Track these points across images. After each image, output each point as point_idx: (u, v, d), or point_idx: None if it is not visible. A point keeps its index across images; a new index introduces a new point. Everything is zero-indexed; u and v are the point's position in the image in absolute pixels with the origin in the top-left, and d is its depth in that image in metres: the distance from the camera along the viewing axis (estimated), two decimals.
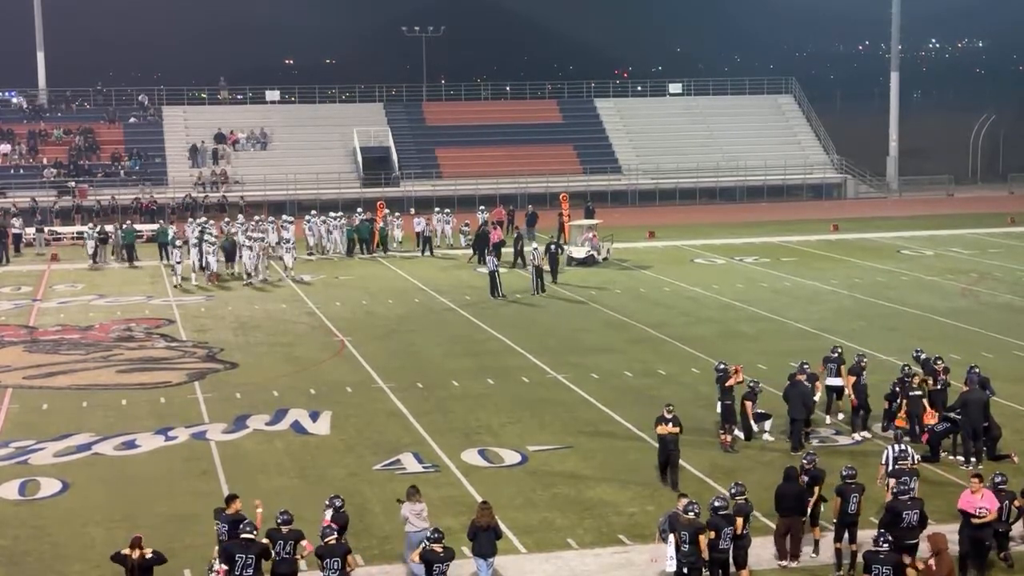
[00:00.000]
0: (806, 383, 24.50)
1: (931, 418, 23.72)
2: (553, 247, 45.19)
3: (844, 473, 18.73)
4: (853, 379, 25.17)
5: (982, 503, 18.00)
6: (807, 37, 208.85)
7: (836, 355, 26.05)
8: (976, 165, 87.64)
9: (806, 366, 25.16)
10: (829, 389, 25.80)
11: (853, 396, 25.00)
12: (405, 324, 37.80)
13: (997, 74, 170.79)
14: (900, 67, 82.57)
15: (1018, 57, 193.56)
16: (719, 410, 24.66)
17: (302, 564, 17.23)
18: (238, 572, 16.26)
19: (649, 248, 53.86)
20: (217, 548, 17.02)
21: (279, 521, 17.00)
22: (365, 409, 27.68)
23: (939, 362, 25.35)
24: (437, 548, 16.51)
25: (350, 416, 27.08)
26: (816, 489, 19.01)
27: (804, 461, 19.38)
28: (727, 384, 24.55)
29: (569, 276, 46.24)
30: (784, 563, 18.59)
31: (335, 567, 16.41)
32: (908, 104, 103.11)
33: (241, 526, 16.74)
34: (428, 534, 17.04)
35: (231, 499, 17.97)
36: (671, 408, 22.12)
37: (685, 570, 17.11)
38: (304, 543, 16.99)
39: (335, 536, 16.72)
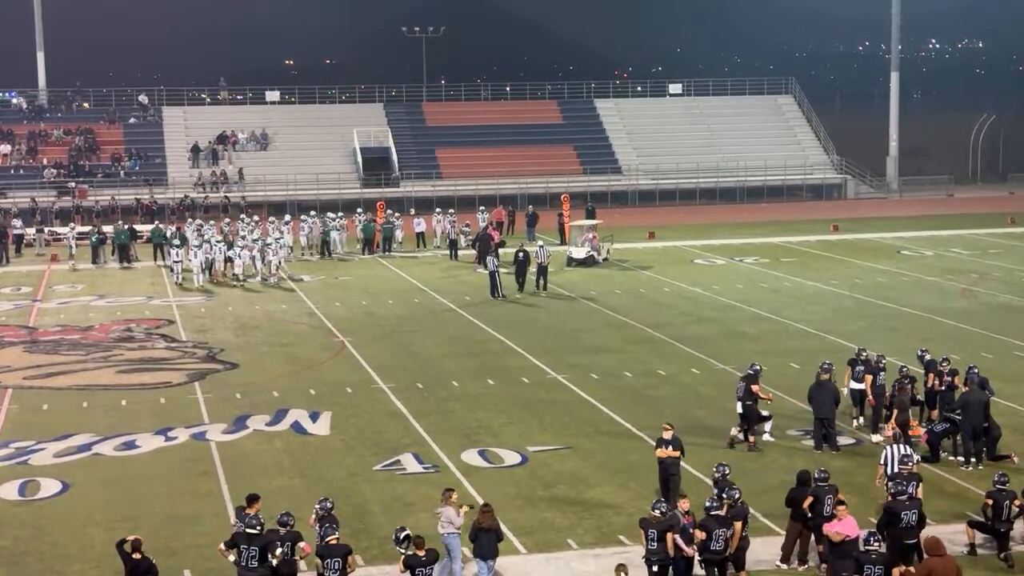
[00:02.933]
0: (833, 382, 24.34)
1: (917, 431, 23.69)
2: (521, 255, 42.88)
3: (816, 476, 18.70)
4: (870, 378, 25.07)
5: (839, 527, 17.30)
6: (807, 37, 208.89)
7: (862, 357, 25.75)
8: (976, 165, 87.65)
9: (828, 364, 24.91)
10: (853, 392, 25.48)
11: (871, 396, 24.93)
12: (405, 324, 37.80)
13: (997, 74, 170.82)
14: (900, 67, 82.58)
15: (1018, 57, 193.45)
16: (740, 410, 24.54)
17: (301, 564, 17.23)
18: (243, 563, 16.54)
19: (649, 248, 53.86)
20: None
21: (278, 522, 17.01)
22: (365, 409, 27.68)
23: (944, 363, 25.30)
24: (420, 553, 16.45)
25: (350, 416, 27.08)
26: (738, 526, 17.63)
27: (715, 471, 18.87)
28: (754, 388, 24.47)
29: (569, 276, 46.26)
30: (784, 565, 18.54)
31: (336, 567, 16.40)
32: (908, 104, 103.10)
33: (247, 519, 16.96)
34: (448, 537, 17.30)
35: (252, 499, 17.94)
36: (669, 428, 21.12)
37: (655, 568, 17.15)
38: (302, 544, 16.99)
39: (336, 536, 16.70)
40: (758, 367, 25.17)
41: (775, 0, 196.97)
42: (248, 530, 16.72)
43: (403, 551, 16.52)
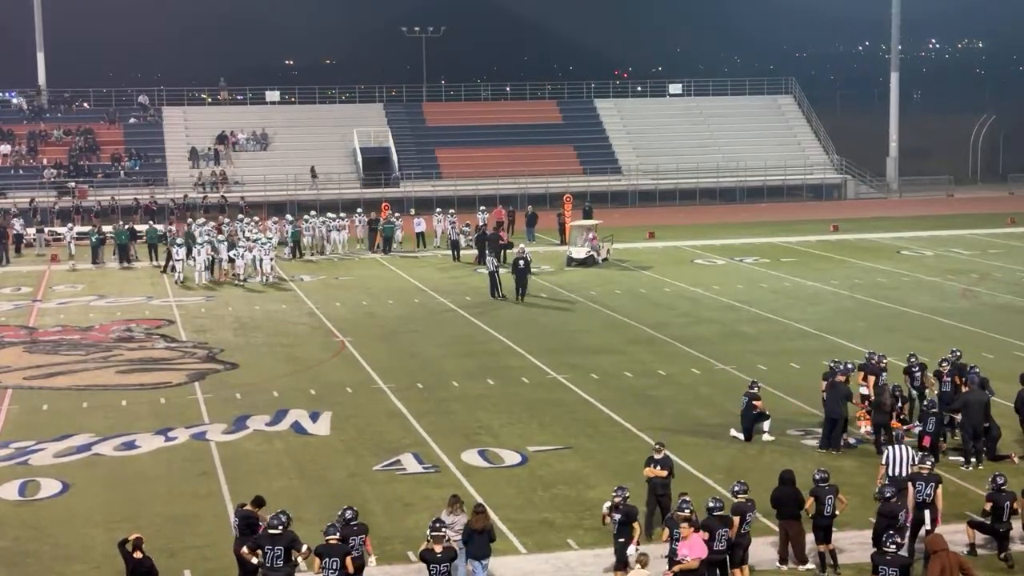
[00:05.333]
0: (847, 384, 24.27)
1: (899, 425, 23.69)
2: (521, 263, 40.80)
3: (817, 476, 18.68)
4: (873, 379, 24.95)
5: (687, 550, 16.97)
6: (807, 37, 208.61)
7: (874, 361, 25.50)
8: (976, 165, 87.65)
9: (840, 365, 24.81)
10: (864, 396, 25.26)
11: (872, 397, 24.85)
12: (405, 325, 37.80)
13: (997, 74, 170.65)
14: (900, 67, 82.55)
15: (1018, 57, 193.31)
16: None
17: (301, 564, 17.23)
18: (268, 563, 16.53)
19: (649, 249, 53.86)
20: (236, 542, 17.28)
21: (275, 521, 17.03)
22: (365, 410, 27.68)
23: (944, 364, 25.26)
24: (437, 549, 16.47)
25: (350, 417, 27.07)
26: (635, 526, 17.79)
27: (615, 495, 18.13)
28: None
29: (569, 276, 46.25)
30: (784, 566, 18.52)
31: (334, 567, 16.38)
32: (908, 104, 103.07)
33: (270, 520, 16.97)
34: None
35: (260, 502, 17.95)
36: (661, 448, 20.43)
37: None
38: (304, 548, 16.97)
39: (336, 536, 16.69)
40: (850, 365, 25.01)
41: (775, 0, 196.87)
42: (271, 530, 16.73)
43: (428, 540, 16.54)
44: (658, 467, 19.96)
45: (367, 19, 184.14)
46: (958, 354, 25.94)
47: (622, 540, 17.87)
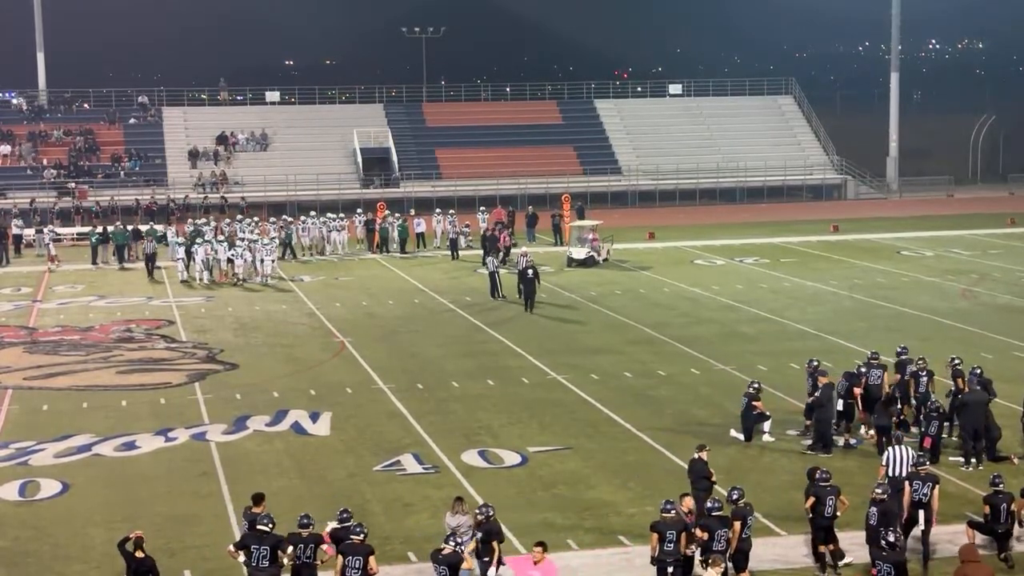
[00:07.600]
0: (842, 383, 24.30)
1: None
2: (530, 272, 39.54)
3: (818, 476, 18.68)
4: (891, 378, 24.94)
5: (537, 573, 16.70)
6: (807, 37, 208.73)
7: (875, 361, 25.24)
8: (976, 165, 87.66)
9: (811, 364, 24.85)
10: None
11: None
12: (405, 325, 37.80)
13: (997, 74, 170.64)
14: (900, 67, 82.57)
15: (1018, 57, 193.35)
16: (840, 408, 24.49)
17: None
18: (254, 563, 16.46)
19: (649, 249, 53.86)
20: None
21: (299, 524, 16.96)
22: (365, 410, 27.68)
23: (956, 363, 25.21)
24: (446, 550, 16.41)
25: (350, 417, 27.08)
26: (494, 544, 17.28)
27: (478, 512, 17.60)
28: (856, 390, 24.34)
29: (569, 277, 46.26)
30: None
31: (356, 566, 16.24)
32: (908, 104, 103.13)
33: (259, 518, 16.91)
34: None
35: (259, 499, 17.93)
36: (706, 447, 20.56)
37: (670, 569, 17.14)
38: (324, 547, 16.89)
39: (361, 536, 16.55)
40: (863, 368, 25.02)
41: (775, 0, 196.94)
42: (259, 526, 16.69)
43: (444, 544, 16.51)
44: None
45: (367, 19, 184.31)
46: (903, 354, 25.84)
47: (486, 559, 17.36)
